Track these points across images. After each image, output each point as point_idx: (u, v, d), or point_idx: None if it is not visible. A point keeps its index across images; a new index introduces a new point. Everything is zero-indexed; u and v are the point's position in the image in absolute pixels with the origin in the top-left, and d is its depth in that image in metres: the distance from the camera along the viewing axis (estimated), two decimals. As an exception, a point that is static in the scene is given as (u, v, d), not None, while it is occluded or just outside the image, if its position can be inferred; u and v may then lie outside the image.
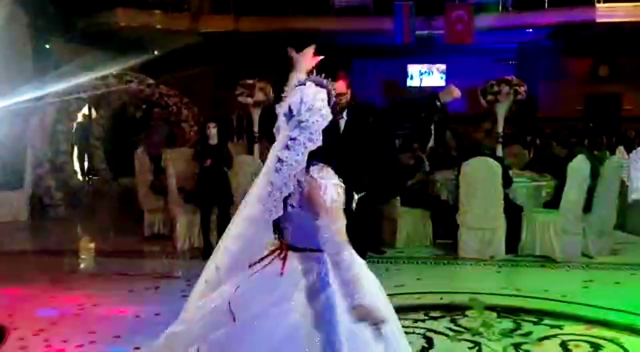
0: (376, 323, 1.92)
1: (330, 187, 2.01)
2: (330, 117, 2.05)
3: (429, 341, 3.88)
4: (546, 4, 12.71)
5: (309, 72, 2.24)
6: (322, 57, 2.18)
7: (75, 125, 11.01)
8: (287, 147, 2.03)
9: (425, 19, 12.70)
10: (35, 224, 8.25)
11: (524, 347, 3.81)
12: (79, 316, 4.44)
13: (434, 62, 15.72)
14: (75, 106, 9.75)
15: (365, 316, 1.91)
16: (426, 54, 15.04)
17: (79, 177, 11.35)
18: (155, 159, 7.57)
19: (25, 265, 5.97)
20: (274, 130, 2.14)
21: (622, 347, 3.81)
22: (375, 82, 14.98)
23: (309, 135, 2.03)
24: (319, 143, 2.03)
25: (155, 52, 12.47)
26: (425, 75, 15.93)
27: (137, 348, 3.80)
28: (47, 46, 10.93)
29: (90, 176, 12.23)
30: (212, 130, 6.29)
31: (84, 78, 9.18)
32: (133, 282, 5.32)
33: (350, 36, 13.58)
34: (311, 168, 2.04)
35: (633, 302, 4.59)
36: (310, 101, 2.04)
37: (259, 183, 2.09)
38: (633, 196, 7.33)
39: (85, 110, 11.94)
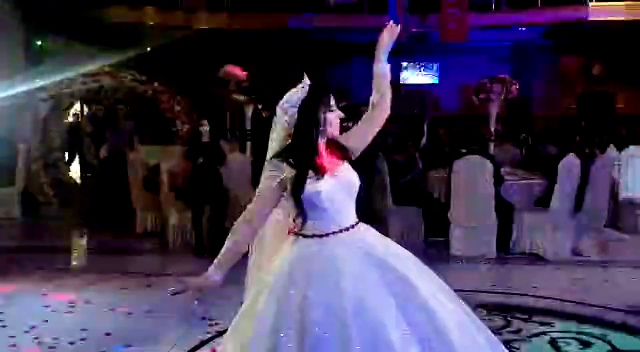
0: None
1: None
2: (295, 115, 2.19)
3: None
4: (539, 2, 12.74)
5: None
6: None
7: (67, 122, 10.98)
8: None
9: (420, 16, 12.71)
10: (27, 221, 8.22)
11: (514, 344, 3.83)
12: (71, 313, 4.44)
13: (428, 60, 15.73)
14: (68, 103, 9.72)
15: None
16: (420, 52, 15.05)
17: (72, 174, 11.30)
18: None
19: (17, 262, 5.94)
20: None
21: (611, 344, 3.85)
22: (369, 80, 14.99)
23: (283, 133, 2.23)
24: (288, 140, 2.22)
25: (149, 49, 12.42)
26: (419, 74, 15.94)
27: (129, 345, 3.81)
28: (39, 43, 10.88)
29: (83, 173, 12.18)
30: (204, 128, 6.30)
31: (76, 75, 9.14)
32: (125, 280, 5.31)
33: (345, 34, 13.59)
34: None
35: (623, 300, 4.63)
36: (283, 102, 2.24)
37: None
38: (624, 194, 7.37)
39: (77, 107, 11.89)
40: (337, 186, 2.19)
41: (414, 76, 15.92)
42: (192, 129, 7.91)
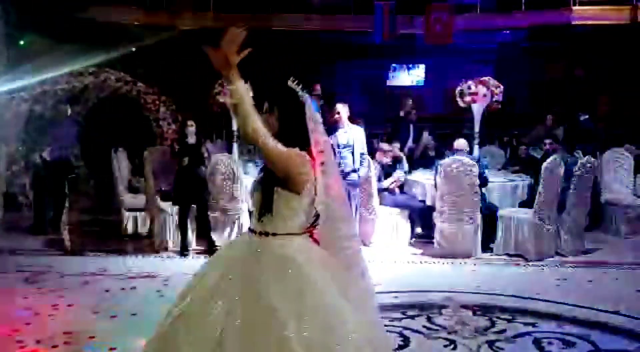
0: None
1: None
2: None
3: (405, 339, 3.92)
4: (523, 5, 12.87)
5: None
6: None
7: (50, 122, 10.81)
8: None
9: (406, 18, 12.77)
10: (8, 223, 8.11)
11: (498, 344, 3.87)
12: (54, 316, 4.39)
13: (414, 62, 15.80)
14: (51, 103, 9.59)
15: None
16: (406, 54, 15.10)
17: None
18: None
19: (-2, 264, 5.87)
20: None
21: (593, 344, 3.90)
22: (355, 81, 15.05)
23: None
24: None
25: (134, 49, 12.32)
26: (405, 75, 16.01)
27: (113, 348, 3.77)
28: (22, 42, 10.74)
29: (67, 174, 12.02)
30: (190, 129, 6.28)
31: (59, 75, 9.04)
32: (109, 282, 5.27)
33: (331, 35, 13.61)
34: None
35: (605, 301, 4.69)
36: None
37: None
38: (606, 196, 7.46)
39: (60, 107, 11.73)
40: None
41: (401, 77, 16.00)
42: (178, 129, 7.86)
